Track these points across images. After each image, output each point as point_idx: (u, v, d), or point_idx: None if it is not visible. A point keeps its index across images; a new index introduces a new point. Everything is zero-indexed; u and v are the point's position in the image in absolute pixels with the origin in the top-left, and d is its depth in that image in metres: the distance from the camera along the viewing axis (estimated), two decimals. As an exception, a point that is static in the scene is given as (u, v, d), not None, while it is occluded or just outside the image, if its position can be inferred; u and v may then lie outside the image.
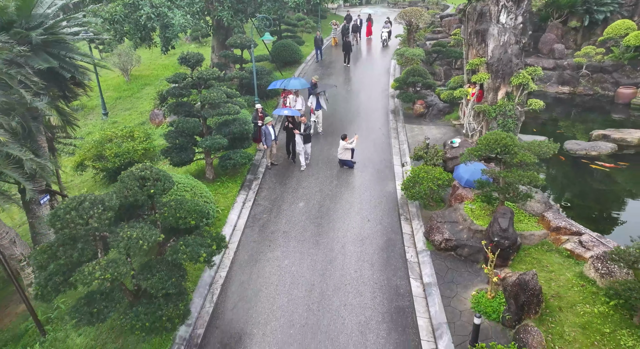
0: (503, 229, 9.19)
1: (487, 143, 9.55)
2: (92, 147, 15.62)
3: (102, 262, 7.05)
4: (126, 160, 14.90)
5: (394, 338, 8.55)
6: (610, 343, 7.05)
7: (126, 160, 14.93)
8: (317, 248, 11.22)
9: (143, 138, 16.38)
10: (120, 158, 14.88)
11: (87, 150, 15.63)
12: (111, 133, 16.43)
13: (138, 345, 8.50)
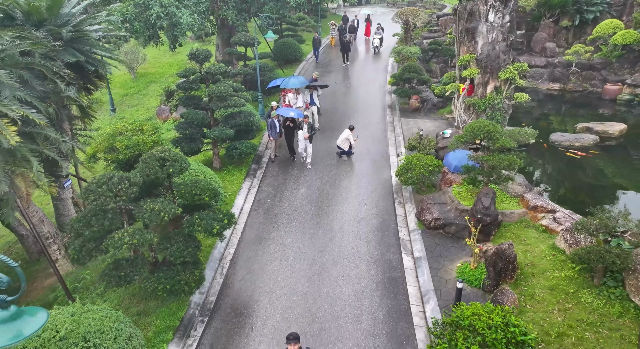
0: (485, 207, 10.20)
1: (471, 130, 10.55)
2: (104, 139, 16.59)
3: (130, 230, 8.06)
4: (136, 152, 15.90)
5: (386, 302, 9.55)
6: (573, 300, 8.06)
7: (136, 151, 15.92)
8: (318, 228, 12.22)
9: (152, 131, 17.32)
10: (131, 150, 15.83)
11: (100, 143, 16.63)
12: (122, 127, 17.41)
13: (158, 309, 9.49)
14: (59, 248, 11.74)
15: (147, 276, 8.87)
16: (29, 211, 10.61)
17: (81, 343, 6.77)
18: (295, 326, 9.01)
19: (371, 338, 8.68)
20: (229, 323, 9.27)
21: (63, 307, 7.44)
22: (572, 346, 7.35)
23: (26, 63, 8.39)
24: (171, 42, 19.84)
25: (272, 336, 8.84)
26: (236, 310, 9.59)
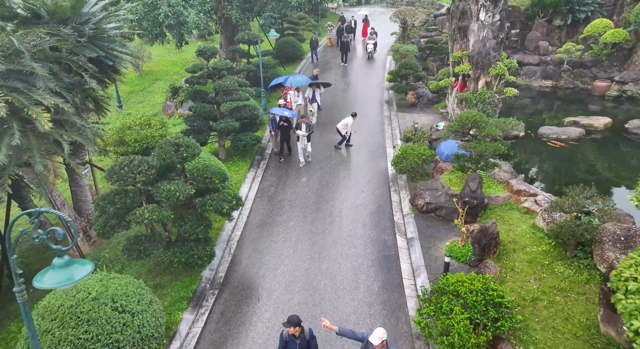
0: (472, 191, 11.10)
1: (460, 120, 11.45)
2: (114, 133, 17.50)
3: (150, 207, 8.96)
4: (144, 145, 16.79)
5: (380, 277, 10.44)
6: (548, 271, 8.97)
7: (144, 145, 16.81)
8: (318, 213, 13.11)
9: (159, 126, 18.22)
10: (140, 143, 16.72)
11: (110, 136, 17.53)
12: (130, 121, 18.31)
13: (172, 283, 10.39)
14: (79, 229, 12.62)
15: (164, 251, 9.77)
16: (53, 195, 11.52)
17: (110, 303, 7.67)
18: (298, 296, 9.91)
19: (366, 306, 9.57)
20: (237, 295, 10.17)
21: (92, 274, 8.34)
22: (543, 308, 8.26)
23: (55, 57, 9.28)
24: (178, 40, 20.73)
25: (276, 305, 9.73)
26: (244, 284, 10.49)
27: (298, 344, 6.89)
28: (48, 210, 5.25)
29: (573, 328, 7.74)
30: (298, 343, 6.88)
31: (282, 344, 7.01)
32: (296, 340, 6.87)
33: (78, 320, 7.33)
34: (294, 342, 6.88)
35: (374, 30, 29.63)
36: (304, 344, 6.95)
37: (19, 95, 8.18)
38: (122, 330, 7.56)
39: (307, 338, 7.00)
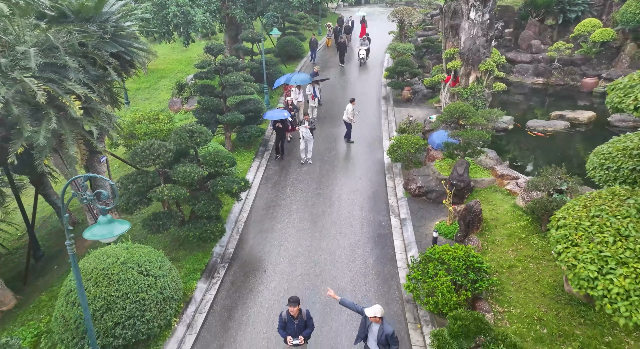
0: (460, 174, 12.15)
1: (449, 111, 12.51)
2: (125, 126, 18.57)
3: (168, 186, 10.02)
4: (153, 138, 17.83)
5: (375, 252, 11.50)
6: (524, 243, 10.03)
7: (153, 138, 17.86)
8: (319, 197, 14.17)
9: (167, 120, 19.30)
10: (149, 136, 17.78)
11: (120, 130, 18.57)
12: (140, 116, 19.37)
13: (186, 257, 11.44)
14: (97, 215, 13.65)
15: (180, 227, 10.82)
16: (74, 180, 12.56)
17: (136, 267, 8.72)
18: (301, 269, 10.97)
19: (362, 276, 10.63)
20: (246, 267, 11.23)
21: (119, 244, 9.40)
22: (518, 273, 9.32)
23: (83, 52, 10.33)
24: (185, 38, 21.77)
25: (281, 276, 10.79)
26: (251, 259, 11.55)
27: (296, 325, 7.35)
28: (95, 175, 6.29)
29: (542, 288, 8.81)
30: (296, 323, 7.35)
31: (282, 324, 7.50)
32: (294, 320, 7.34)
33: (109, 281, 8.39)
34: (292, 322, 7.35)
35: (367, 36, 28.75)
36: (301, 324, 7.40)
37: (54, 85, 9.23)
38: (147, 290, 8.62)
39: (305, 318, 7.46)
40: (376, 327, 7.14)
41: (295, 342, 7.32)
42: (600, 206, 4.69)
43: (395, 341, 7.07)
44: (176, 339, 9.11)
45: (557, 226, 5.08)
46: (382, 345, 7.16)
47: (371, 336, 7.26)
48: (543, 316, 8.25)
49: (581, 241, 4.57)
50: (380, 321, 7.09)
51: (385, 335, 7.02)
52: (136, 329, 8.38)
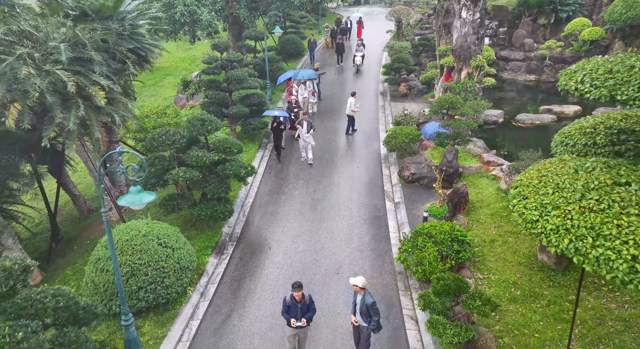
0: (449, 161, 13.20)
1: (440, 102, 13.56)
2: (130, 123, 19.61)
3: (182, 169, 11.06)
4: (168, 127, 18.89)
5: (371, 231, 12.54)
6: (505, 220, 11.08)
7: (162, 130, 18.90)
8: (319, 184, 15.20)
9: (174, 115, 20.36)
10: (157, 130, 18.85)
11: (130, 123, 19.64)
12: (148, 111, 20.42)
13: (198, 236, 12.47)
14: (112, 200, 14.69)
15: (192, 208, 11.87)
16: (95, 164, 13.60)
17: (156, 239, 9.76)
18: (303, 246, 12.00)
19: (359, 252, 11.67)
20: (252, 245, 12.27)
21: (139, 220, 10.45)
22: (498, 246, 10.37)
23: (105, 47, 11.37)
24: (191, 37, 22.81)
25: (285, 252, 11.82)
26: (257, 237, 12.59)
27: (299, 308, 7.69)
28: (128, 150, 7.32)
29: (518, 258, 9.86)
30: (299, 306, 7.68)
31: (285, 308, 7.79)
32: (298, 304, 7.67)
33: (133, 250, 9.43)
34: (295, 306, 7.69)
35: (362, 42, 27.82)
36: (304, 307, 7.77)
37: (81, 77, 10.27)
38: (166, 260, 9.66)
39: (307, 302, 7.82)
40: (359, 297, 7.72)
41: (299, 324, 7.66)
42: (548, 169, 5.70)
43: (375, 312, 7.63)
44: (191, 304, 10.15)
45: (515, 186, 6.10)
46: (364, 315, 7.73)
47: (357, 307, 7.83)
48: (518, 280, 9.30)
49: (530, 195, 5.58)
50: (362, 292, 7.66)
51: (365, 305, 7.58)
52: (157, 293, 9.43)
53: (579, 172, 5.21)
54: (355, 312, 7.96)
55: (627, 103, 4.99)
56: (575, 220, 4.60)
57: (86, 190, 20.25)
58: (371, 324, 7.73)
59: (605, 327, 7.83)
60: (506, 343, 8.04)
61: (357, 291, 7.74)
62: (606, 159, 5.52)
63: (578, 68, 5.87)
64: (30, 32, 10.32)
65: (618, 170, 5.05)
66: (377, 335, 8.97)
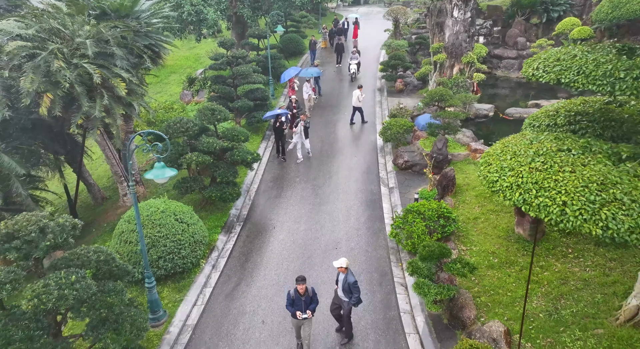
0: (439, 148, 14.32)
1: (431, 95, 14.69)
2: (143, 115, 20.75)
3: (195, 153, 12.19)
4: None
5: (367, 213, 13.66)
6: (488, 200, 12.21)
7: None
8: (319, 172, 16.33)
9: (180, 109, 21.51)
10: (166, 123, 19.97)
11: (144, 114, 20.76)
12: (156, 106, 21.56)
13: (208, 217, 13.57)
14: (127, 185, 15.82)
15: (204, 190, 13.00)
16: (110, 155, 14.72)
17: (172, 215, 10.88)
18: (304, 226, 13.12)
19: (355, 230, 12.79)
20: (258, 225, 13.40)
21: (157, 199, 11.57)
22: (480, 223, 11.50)
23: (124, 43, 12.49)
24: (197, 35, 23.93)
25: (288, 230, 12.94)
26: (262, 218, 13.72)
27: (303, 301, 8.01)
28: (154, 132, 8.45)
29: (497, 232, 10.99)
30: (303, 299, 8.01)
31: (290, 301, 8.12)
32: (302, 297, 8.01)
33: (153, 224, 10.55)
34: (299, 299, 8.02)
35: (357, 49, 26.63)
36: (307, 300, 8.10)
37: (104, 70, 11.40)
38: (181, 233, 10.79)
39: (310, 295, 8.16)
40: (342, 276, 8.44)
41: (304, 316, 7.98)
42: (511, 141, 6.79)
43: (356, 289, 8.32)
44: (204, 274, 11.28)
45: (484, 156, 7.20)
46: (346, 292, 8.43)
47: (339, 285, 8.58)
48: (496, 250, 10.42)
49: (493, 161, 6.67)
50: (345, 271, 8.37)
51: (347, 283, 8.29)
52: (174, 262, 10.56)
53: (533, 143, 6.31)
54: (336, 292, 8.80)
55: (569, 85, 6.10)
56: (524, 177, 5.70)
57: (98, 180, 21.38)
58: (352, 299, 8.45)
59: (567, 286, 8.94)
60: (483, 300, 9.16)
61: (341, 271, 8.45)
62: (557, 133, 6.63)
63: (536, 58, 6.98)
64: (59, 30, 11.44)
65: (564, 141, 6.15)
66: (373, 298, 10.14)
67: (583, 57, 6.42)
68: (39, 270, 6.94)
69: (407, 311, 9.80)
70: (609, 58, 6.17)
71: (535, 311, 8.57)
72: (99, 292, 7.06)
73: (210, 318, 9.98)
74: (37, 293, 6.12)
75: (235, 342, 9.24)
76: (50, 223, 6.70)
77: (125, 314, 7.37)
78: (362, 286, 10.52)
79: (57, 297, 6.16)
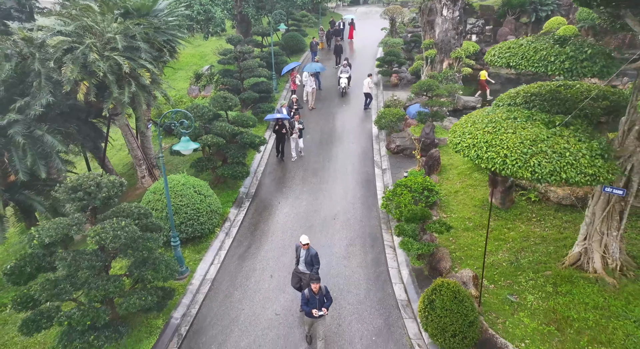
0: (427, 133, 15.98)
1: (419, 85, 16.33)
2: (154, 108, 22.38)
3: (210, 135, 13.84)
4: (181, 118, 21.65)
5: (362, 190, 15.30)
6: (468, 177, 13.86)
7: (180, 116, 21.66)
8: (319, 156, 17.97)
9: (189, 103, 23.16)
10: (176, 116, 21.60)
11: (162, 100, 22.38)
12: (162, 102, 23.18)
13: (220, 194, 15.20)
14: (146, 168, 17.46)
15: (217, 169, 14.67)
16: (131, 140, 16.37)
17: (192, 188, 12.52)
18: (306, 201, 14.77)
19: (351, 204, 14.44)
20: (265, 200, 15.05)
21: (176, 174, 13.22)
22: (460, 195, 13.17)
23: (146, 38, 14.13)
24: (205, 33, 25.59)
25: (291, 205, 14.60)
26: (268, 195, 15.38)
27: (317, 300, 8.33)
28: (179, 110, 10.09)
29: (474, 202, 12.65)
30: (317, 298, 8.33)
31: (305, 301, 8.40)
32: (316, 296, 8.34)
33: (175, 194, 12.19)
34: (314, 298, 8.34)
35: (348, 62, 24.62)
36: (321, 298, 8.40)
37: (131, 61, 13.04)
38: (200, 203, 12.43)
39: (324, 293, 8.48)
40: (304, 252, 9.42)
41: (320, 313, 8.29)
42: (474, 115, 8.41)
43: (317, 261, 9.36)
44: (219, 240, 12.95)
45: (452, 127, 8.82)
46: (308, 265, 9.38)
47: (301, 259, 9.51)
48: (471, 216, 12.09)
49: (457, 129, 8.29)
50: (307, 247, 9.38)
51: (310, 256, 9.31)
52: (194, 228, 12.22)
53: (489, 114, 7.93)
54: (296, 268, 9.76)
55: (515, 67, 7.73)
56: (478, 139, 7.32)
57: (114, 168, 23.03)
58: (313, 270, 9.38)
59: (528, 242, 10.59)
60: (458, 255, 10.82)
61: (304, 248, 9.44)
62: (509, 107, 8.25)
63: (495, 47, 8.64)
64: (92, 26, 13.09)
65: (513, 113, 7.77)
66: (365, 258, 11.80)
67: (527, 45, 8.06)
68: (93, 220, 8.59)
69: (394, 266, 11.47)
70: (545, 46, 7.80)
71: (500, 261, 10.23)
72: (140, 238, 8.71)
73: (225, 273, 11.64)
74: (98, 233, 7.78)
75: (248, 291, 10.89)
76: (104, 180, 8.36)
77: (161, 258, 9.04)
78: (356, 249, 12.22)
79: (113, 236, 7.82)
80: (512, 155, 6.76)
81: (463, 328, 8.18)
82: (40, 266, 8.10)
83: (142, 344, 9.26)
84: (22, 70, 12.25)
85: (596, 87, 9.21)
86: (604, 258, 8.87)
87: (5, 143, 11.72)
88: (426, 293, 8.87)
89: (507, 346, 7.91)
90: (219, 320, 10.01)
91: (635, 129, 7.82)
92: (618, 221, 8.63)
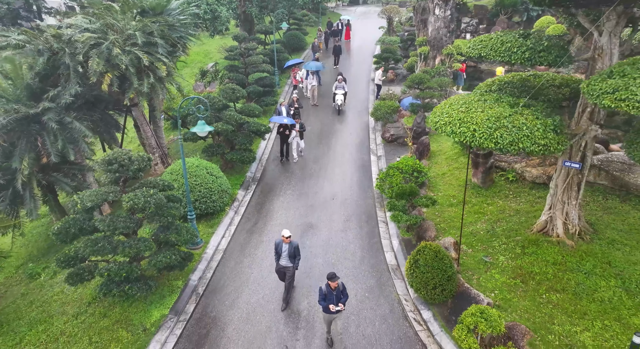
0: (418, 122, 17.37)
1: (411, 79, 17.72)
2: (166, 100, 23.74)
3: (220, 123, 15.24)
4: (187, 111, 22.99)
5: (358, 176, 16.70)
6: (454, 161, 15.27)
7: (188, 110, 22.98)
8: (319, 146, 19.37)
9: (196, 97, 24.52)
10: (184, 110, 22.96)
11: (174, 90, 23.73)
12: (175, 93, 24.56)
13: (229, 178, 16.59)
14: (159, 155, 18.84)
15: (226, 154, 16.07)
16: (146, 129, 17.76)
17: (204, 169, 13.92)
18: (307, 186, 16.16)
19: (349, 187, 15.84)
20: (269, 184, 16.45)
21: (189, 158, 14.62)
22: (447, 177, 14.57)
23: (162, 35, 15.52)
24: (212, 31, 26.98)
25: (293, 188, 15.99)
26: (272, 179, 16.78)
27: (334, 295, 8.56)
28: (197, 97, 11.47)
29: (458, 181, 14.06)
30: (335, 293, 8.56)
31: (322, 296, 8.61)
32: (333, 292, 8.56)
33: (190, 175, 13.57)
34: (331, 293, 8.55)
35: (342, 77, 22.69)
36: (339, 294, 8.63)
37: (150, 56, 14.44)
38: (212, 183, 13.83)
39: (341, 289, 8.69)
40: (286, 246, 9.90)
41: (337, 308, 8.51)
42: (453, 99, 9.78)
43: (299, 252, 9.95)
44: (229, 217, 14.34)
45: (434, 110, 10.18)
46: (291, 257, 9.90)
47: (283, 254, 9.97)
48: (456, 194, 13.49)
49: (437, 111, 9.66)
50: (289, 241, 9.86)
51: (293, 248, 9.79)
52: (207, 205, 13.62)
53: (464, 97, 9.32)
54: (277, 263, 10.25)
55: (486, 58, 9.11)
56: (453, 117, 8.69)
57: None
58: (295, 263, 10.07)
59: (504, 214, 11.99)
60: (442, 226, 12.23)
61: (286, 242, 9.86)
62: (482, 92, 9.64)
63: (470, 40, 10.04)
64: (113, 24, 14.48)
65: (485, 96, 9.15)
66: (360, 231, 13.19)
67: (496, 39, 9.45)
68: (126, 190, 10.00)
69: (386, 238, 12.87)
70: (511, 39, 9.18)
71: (478, 230, 11.64)
72: (165, 206, 10.11)
73: (236, 244, 13.04)
74: (131, 198, 9.17)
75: (256, 259, 12.30)
76: (134, 155, 9.77)
77: (182, 225, 10.44)
78: (353, 224, 13.62)
79: (144, 202, 9.22)
80: (479, 130, 8.14)
81: (442, 281, 9.59)
82: (82, 228, 9.50)
83: (165, 300, 10.65)
84: (52, 64, 13.63)
85: (560, 76, 10.59)
86: (565, 224, 10.24)
87: (39, 128, 13.11)
88: (412, 255, 10.28)
89: (479, 295, 9.30)
90: (231, 282, 11.41)
91: (587, 111, 9.20)
92: (577, 192, 10.01)
